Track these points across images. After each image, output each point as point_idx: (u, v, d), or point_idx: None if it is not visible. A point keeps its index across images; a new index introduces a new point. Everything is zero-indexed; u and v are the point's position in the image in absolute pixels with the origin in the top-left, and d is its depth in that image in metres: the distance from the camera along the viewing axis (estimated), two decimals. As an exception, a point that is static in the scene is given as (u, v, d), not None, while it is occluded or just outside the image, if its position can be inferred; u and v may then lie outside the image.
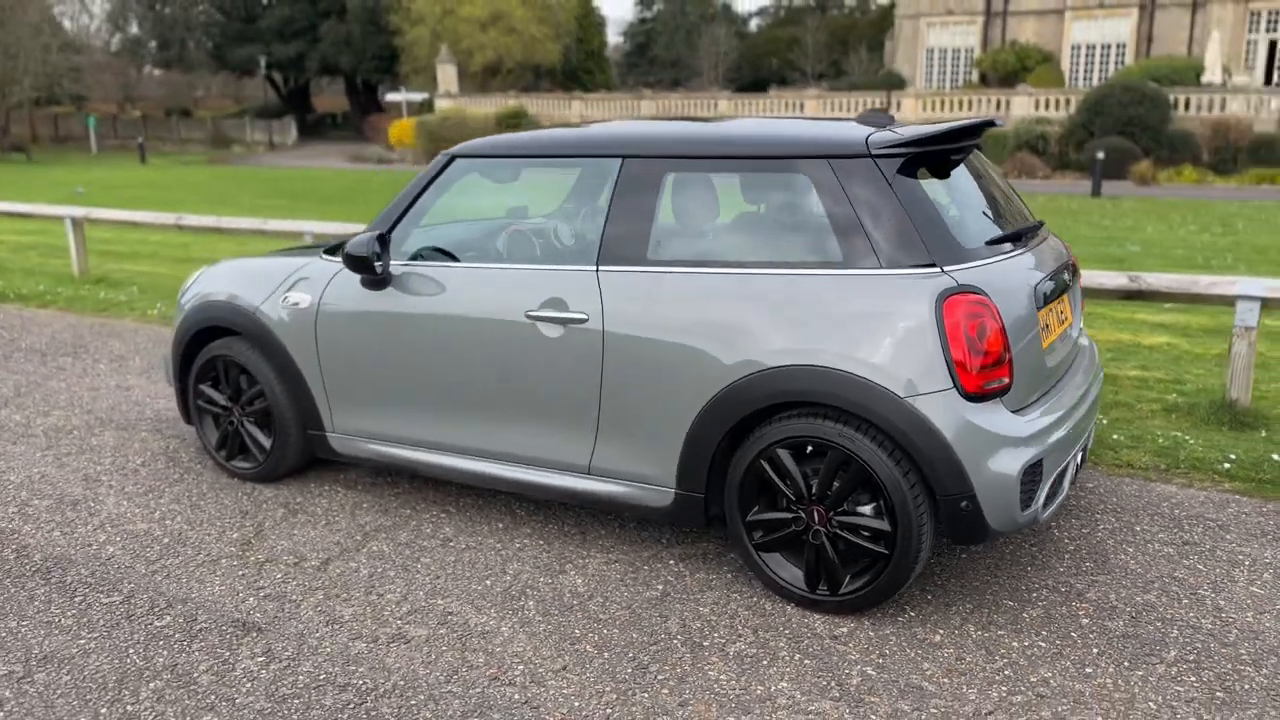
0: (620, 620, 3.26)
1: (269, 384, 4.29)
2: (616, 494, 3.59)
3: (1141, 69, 34.91)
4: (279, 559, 3.75)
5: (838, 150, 3.22)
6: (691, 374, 3.31)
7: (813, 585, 3.24)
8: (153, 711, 2.82)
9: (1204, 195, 21.54)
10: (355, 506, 4.22)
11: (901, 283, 3.06)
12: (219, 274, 4.56)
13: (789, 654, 3.03)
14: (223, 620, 3.31)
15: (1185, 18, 39.07)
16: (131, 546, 3.88)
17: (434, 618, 3.30)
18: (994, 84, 39.28)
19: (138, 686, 2.94)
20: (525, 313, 3.60)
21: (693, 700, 2.82)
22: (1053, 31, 41.52)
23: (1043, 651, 3.02)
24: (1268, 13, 37.08)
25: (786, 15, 79.73)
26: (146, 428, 5.31)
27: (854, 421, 3.09)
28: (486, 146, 3.91)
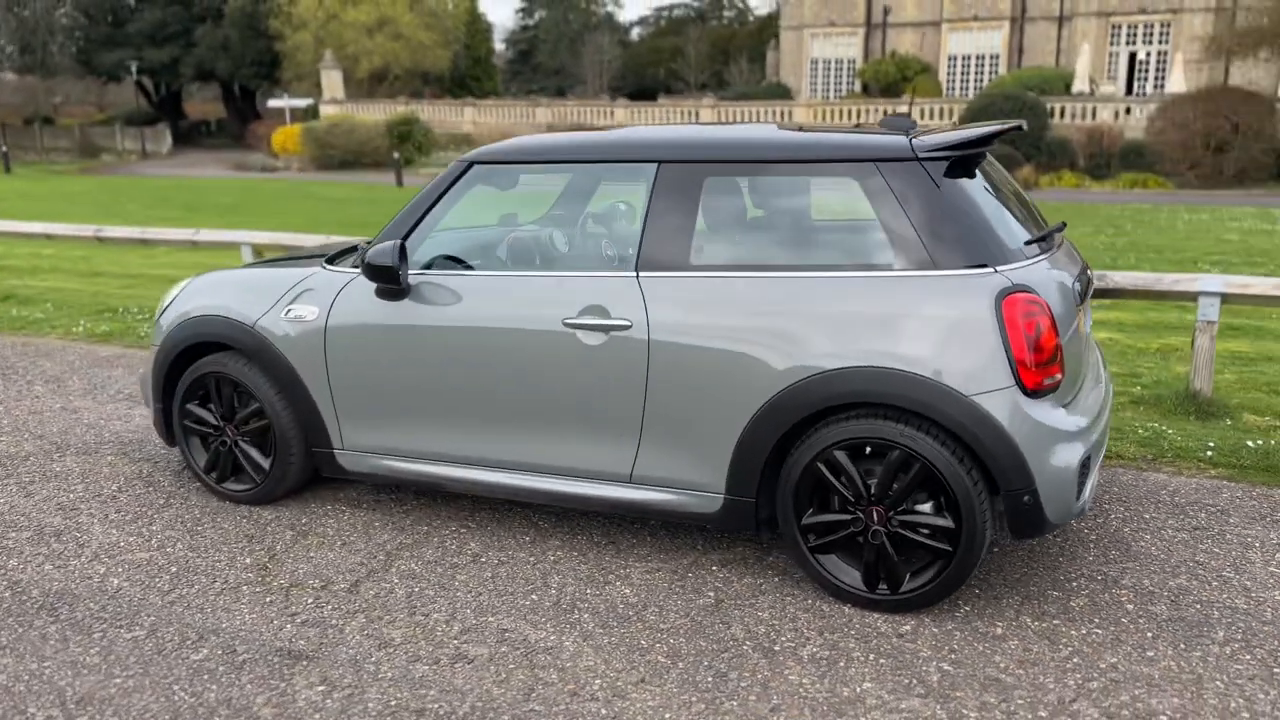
0: (682, 629, 3.23)
1: (269, 401, 4.10)
2: (660, 501, 3.55)
3: (1014, 79, 36.54)
4: (304, 583, 3.59)
5: (885, 154, 3.27)
6: (744, 379, 3.30)
7: (872, 585, 3.27)
8: (224, 750, 2.66)
9: (1085, 199, 22.67)
10: (367, 526, 4.07)
11: (959, 283, 3.13)
12: (207, 287, 4.34)
13: (862, 654, 3.06)
14: (265, 650, 3.15)
15: (1053, 31, 41.07)
16: (137, 577, 3.65)
17: (490, 635, 3.21)
18: (876, 94, 40.52)
19: (199, 725, 2.77)
20: (563, 321, 3.53)
21: (784, 706, 2.81)
22: (930, 43, 43.09)
23: (1101, 638, 3.12)
24: (1127, 27, 39.30)
25: (668, 25, 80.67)
26: (110, 451, 5.01)
27: (915, 421, 3.14)
28: (506, 152, 3.83)
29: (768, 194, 3.54)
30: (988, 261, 3.16)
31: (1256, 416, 5.19)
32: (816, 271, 3.29)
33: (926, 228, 3.19)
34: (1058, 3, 40.60)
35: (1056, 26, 40.88)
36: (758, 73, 57.89)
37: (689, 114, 35.90)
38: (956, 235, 3.18)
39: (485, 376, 3.69)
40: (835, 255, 3.33)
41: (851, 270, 3.25)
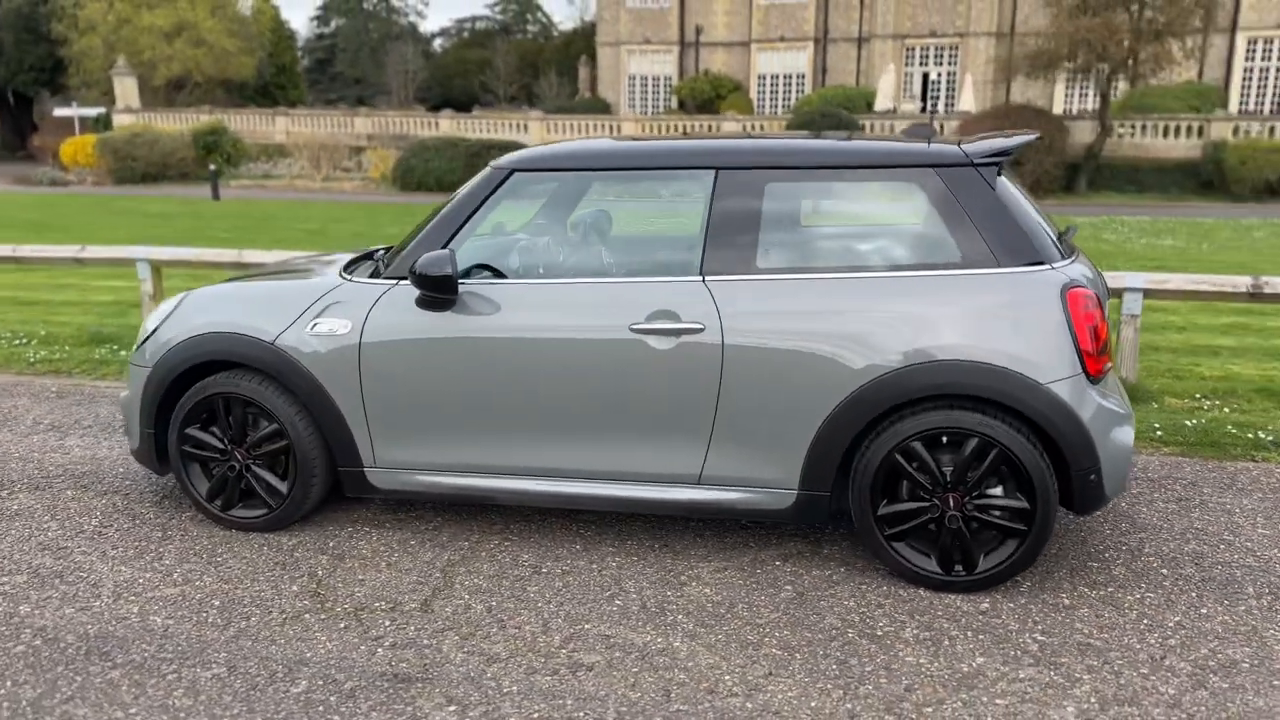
0: (781, 623, 3.32)
1: (289, 421, 3.91)
2: (730, 501, 3.63)
3: (820, 97, 38.47)
4: (369, 606, 3.46)
5: (943, 160, 3.48)
6: (821, 377, 3.43)
7: (948, 568, 3.47)
8: (392, 779, 2.55)
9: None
10: (404, 545, 3.94)
11: (1026, 279, 3.37)
12: (210, 304, 4.08)
13: (960, 633, 3.24)
14: (369, 676, 3.02)
15: (853, 52, 43.44)
16: (180, 613, 3.41)
17: (595, 642, 3.20)
18: (692, 110, 41.68)
19: (348, 756, 2.64)
20: (630, 327, 3.56)
21: (915, 685, 2.95)
22: (740, 62, 44.70)
23: (1156, 601, 3.43)
24: (920, 49, 42.05)
25: (472, 37, 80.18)
26: (65, 485, 4.61)
27: (991, 409, 3.35)
28: (550, 159, 3.82)
29: (828, 199, 3.69)
30: (1044, 259, 3.42)
31: (1176, 400, 5.77)
32: (886, 272, 3.46)
33: (988, 228, 3.42)
34: (856, 25, 42.98)
35: (856, 48, 43.26)
36: (567, 86, 58.35)
37: (517, 126, 35.82)
38: (1014, 235, 3.42)
39: (543, 385, 3.66)
40: (905, 255, 3.51)
41: (922, 269, 3.44)
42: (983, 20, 40.66)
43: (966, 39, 41.01)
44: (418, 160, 30.13)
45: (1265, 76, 38.40)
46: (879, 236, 3.62)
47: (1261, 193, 24.82)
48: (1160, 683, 2.94)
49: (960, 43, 41.24)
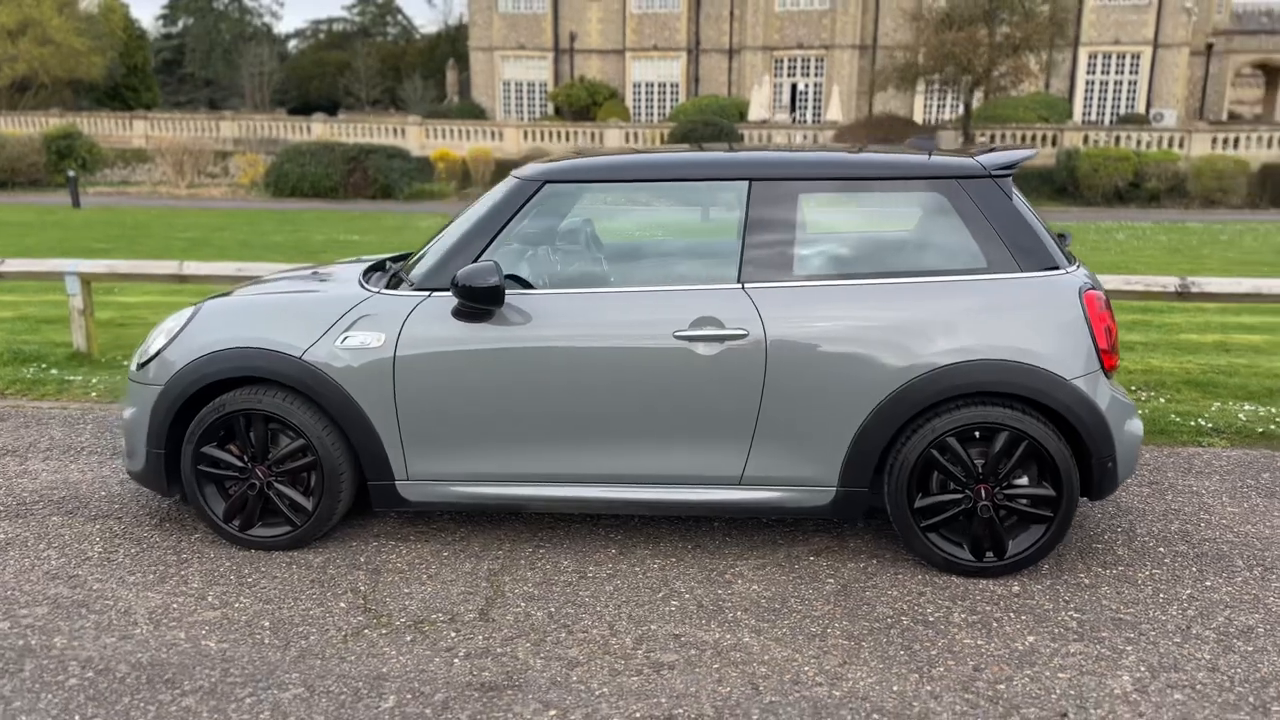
0: (836, 614, 3.47)
1: (316, 436, 3.85)
2: (771, 500, 3.77)
3: (694, 106, 39.21)
4: (427, 618, 3.45)
5: (964, 171, 3.72)
6: (860, 379, 3.61)
7: (980, 554, 3.69)
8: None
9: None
10: (437, 556, 3.93)
11: (1048, 282, 3.63)
12: (226, 318, 3.98)
13: (1003, 614, 3.46)
14: (457, 686, 3.03)
15: (724, 62, 44.36)
16: (232, 637, 3.33)
17: (667, 641, 3.29)
18: (569, 116, 41.82)
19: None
20: (674, 334, 3.66)
21: (983, 664, 3.15)
22: (615, 70, 45.06)
23: (1164, 576, 3.73)
24: (788, 61, 43.27)
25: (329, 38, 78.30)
26: (50, 512, 4.40)
27: (1021, 405, 3.59)
28: (584, 170, 3.89)
29: (858, 209, 3.87)
30: (1058, 264, 3.69)
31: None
32: (918, 278, 3.66)
33: (1008, 235, 3.67)
34: (727, 37, 43.93)
35: (728, 58, 44.21)
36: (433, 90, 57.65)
37: (395, 130, 35.18)
38: (1031, 241, 3.68)
39: (584, 393, 3.72)
40: (934, 261, 3.72)
41: (950, 275, 3.66)
42: (847, 33, 42.13)
43: (832, 51, 42.41)
44: (292, 165, 29.22)
45: (1105, 88, 41.06)
46: (907, 244, 3.82)
47: (1111, 198, 26.58)
48: (1194, 650, 3.22)
49: (826, 55, 42.62)
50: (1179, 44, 40.03)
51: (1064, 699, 2.95)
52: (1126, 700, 2.95)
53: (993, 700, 2.95)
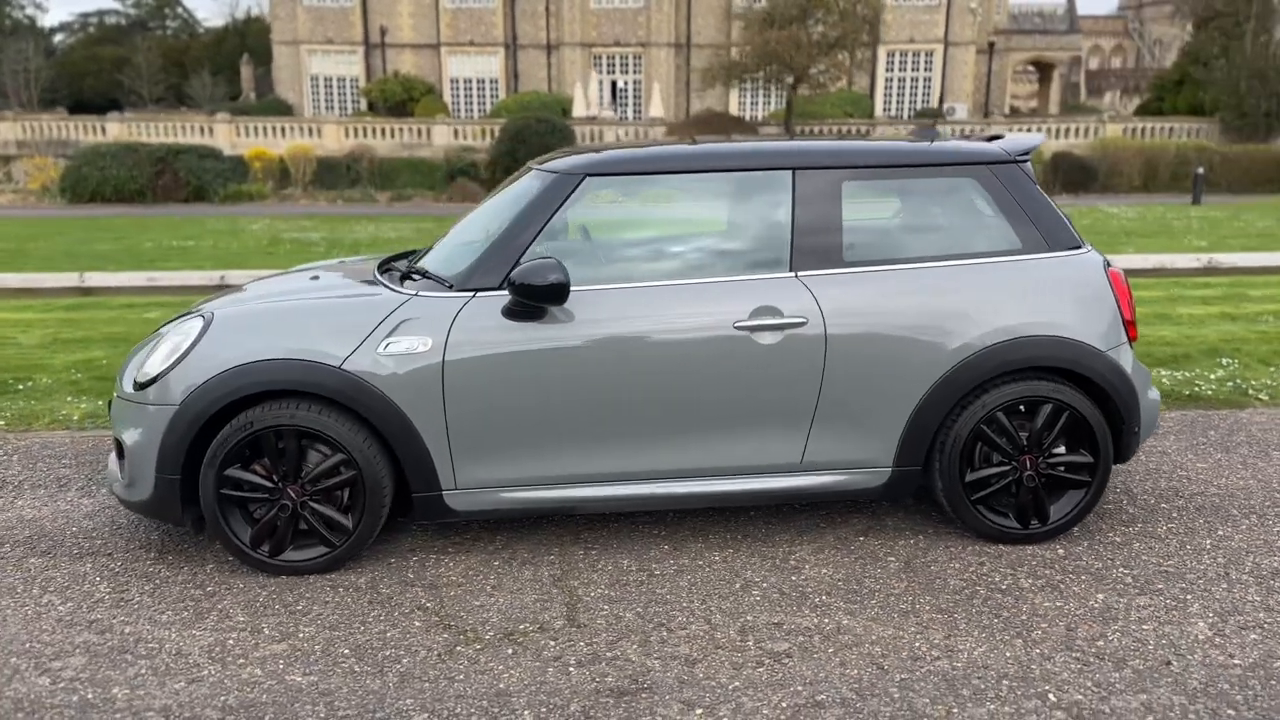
0: (914, 590, 3.57)
1: (359, 450, 3.63)
2: (828, 484, 3.83)
3: (516, 102, 38.95)
4: (518, 630, 3.32)
5: (992, 157, 3.90)
6: (915, 361, 3.72)
7: (1025, 522, 3.87)
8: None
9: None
10: (488, 565, 3.79)
11: (1078, 261, 3.85)
12: (248, 328, 3.68)
13: (1063, 577, 3.65)
14: (587, 694, 2.94)
15: (542, 58, 44.29)
16: (317, 668, 3.10)
17: (770, 631, 3.29)
18: (383, 112, 40.65)
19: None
20: (734, 324, 3.66)
21: (1073, 624, 3.31)
22: (431, 65, 44.18)
23: (1181, 530, 4.04)
24: (606, 58, 43.66)
25: (101, 32, 73.16)
26: (21, 554, 3.96)
27: (1062, 377, 3.80)
28: (627, 162, 3.83)
29: (898, 196, 3.97)
30: (1080, 244, 3.92)
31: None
32: (963, 260, 3.81)
33: (1036, 217, 3.87)
34: (545, 33, 43.85)
35: (546, 54, 44.14)
36: (224, 87, 54.75)
37: (203, 129, 33.22)
38: (1056, 223, 3.90)
39: (643, 388, 3.67)
40: (973, 244, 3.86)
41: (991, 257, 3.82)
42: (662, 32, 42.89)
43: (649, 49, 43.08)
44: (91, 169, 27.10)
45: (902, 85, 43.55)
46: (947, 228, 3.95)
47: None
48: (1243, 593, 3.51)
49: (644, 52, 43.26)
50: (966, 42, 42.95)
51: (1159, 649, 3.15)
52: (1213, 644, 3.18)
53: (1099, 656, 3.12)
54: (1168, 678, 3.00)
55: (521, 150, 29.18)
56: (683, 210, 3.97)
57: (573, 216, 3.90)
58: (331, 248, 16.01)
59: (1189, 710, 2.83)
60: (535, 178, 3.95)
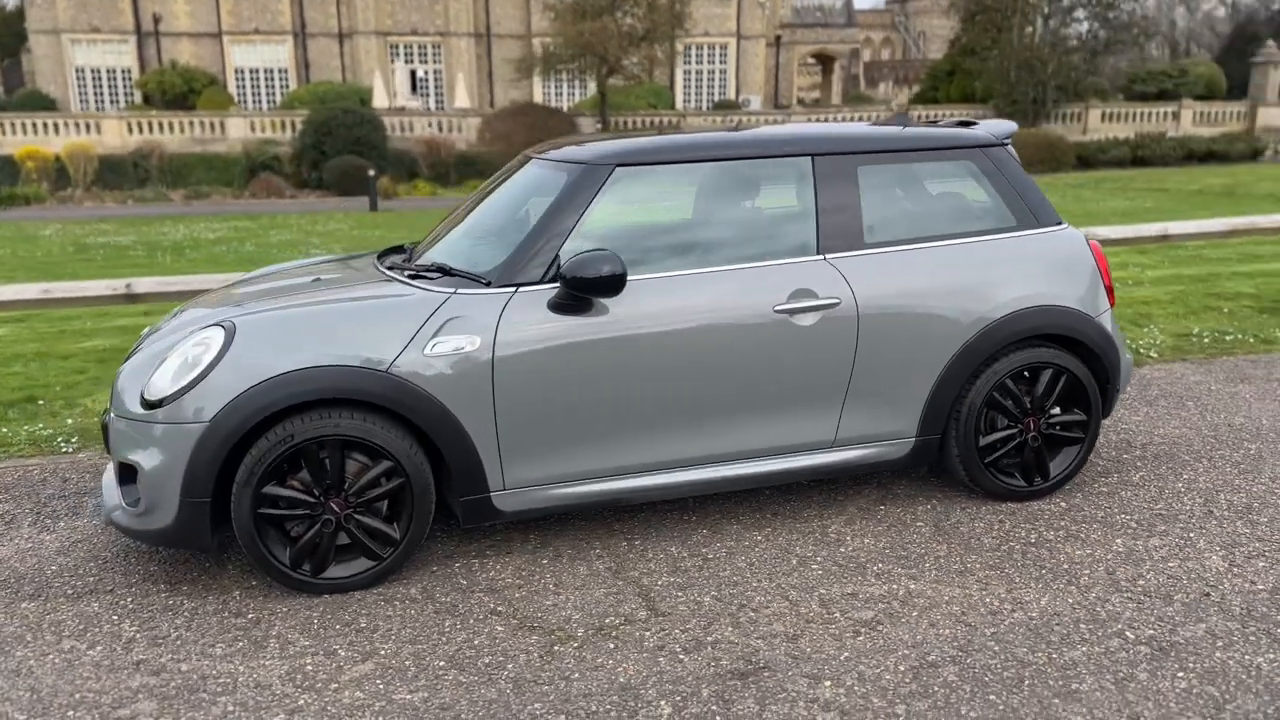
0: (959, 551, 3.77)
1: (406, 456, 3.48)
2: (859, 458, 3.99)
3: (310, 93, 37.38)
4: (607, 625, 3.29)
5: (983, 141, 4.16)
6: (937, 334, 3.93)
7: (1030, 480, 4.17)
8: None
9: (455, 204, 24.60)
10: (538, 564, 3.73)
11: (1065, 235, 4.17)
12: (282, 336, 3.44)
13: (1079, 526, 3.96)
14: (712, 678, 2.97)
15: (335, 47, 42.67)
16: (421, 684, 2.98)
17: (849, 601, 3.41)
18: (161, 105, 38.11)
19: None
20: (774, 308, 3.75)
21: (1112, 567, 3.60)
22: (212, 54, 41.73)
23: (1151, 476, 4.44)
24: (404, 46, 42.56)
25: None
26: (12, 597, 3.57)
27: (1060, 343, 4.10)
28: (655, 151, 3.83)
29: (905, 178, 4.15)
30: (1060, 220, 4.24)
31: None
32: (971, 238, 4.04)
33: (1025, 196, 4.16)
34: (336, 21, 42.25)
35: (338, 43, 42.54)
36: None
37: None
38: (1039, 200, 4.21)
39: (690, 376, 3.70)
40: (976, 222, 4.10)
41: (994, 234, 4.07)
42: (462, 21, 42.23)
43: (449, 38, 42.32)
44: None
45: (700, 78, 44.76)
46: (952, 208, 4.17)
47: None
48: (1232, 527, 3.91)
49: (443, 42, 42.46)
50: (757, 35, 44.61)
51: (1194, 582, 3.49)
52: (1233, 574, 3.54)
53: (1147, 593, 3.41)
54: (1214, 606, 3.32)
55: (328, 143, 28.10)
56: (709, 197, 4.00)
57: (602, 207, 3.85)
58: (152, 251, 14.96)
59: (1245, 633, 3.15)
60: (557, 169, 3.89)
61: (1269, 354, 6.54)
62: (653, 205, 4.02)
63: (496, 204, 4.23)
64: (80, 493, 4.52)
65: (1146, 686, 2.88)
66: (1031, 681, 2.93)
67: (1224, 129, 34.44)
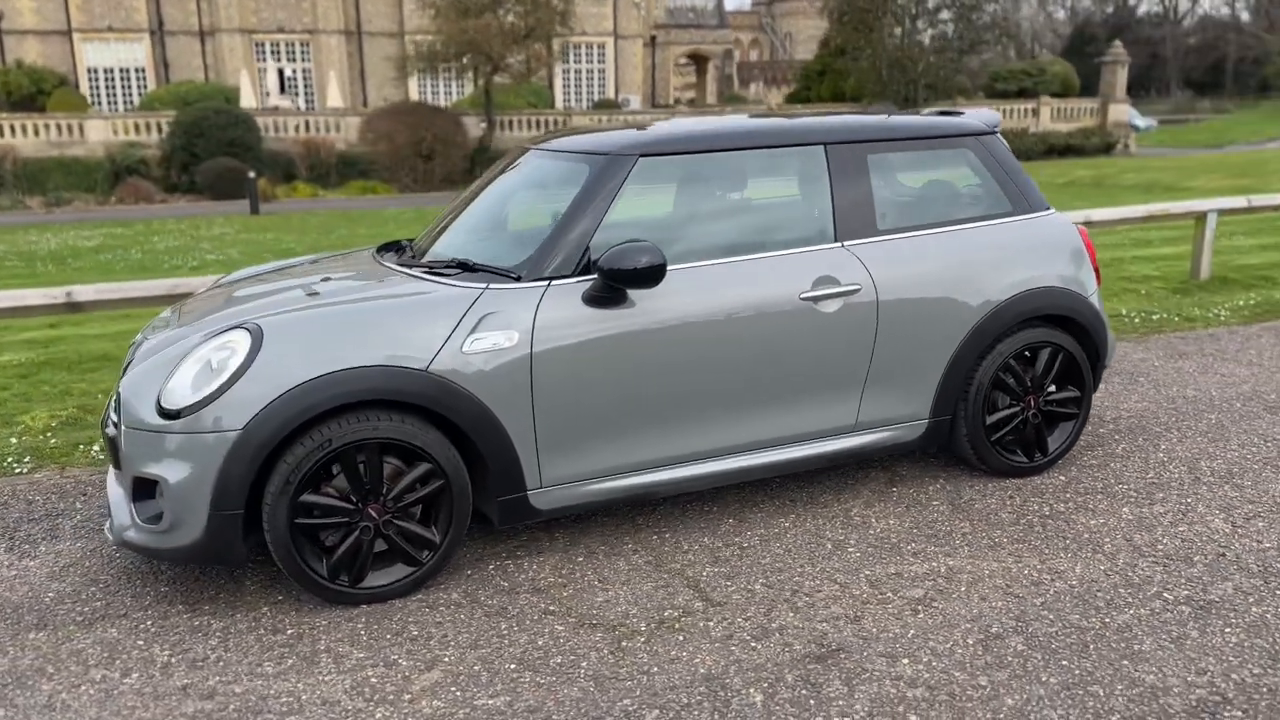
0: (983, 528, 3.87)
1: (445, 457, 3.38)
2: (878, 441, 4.06)
3: (170, 93, 35.79)
4: (667, 618, 3.26)
5: (978, 130, 4.29)
6: (949, 317, 4.03)
7: (1031, 456, 4.32)
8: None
9: (342, 206, 23.96)
10: (571, 563, 3.67)
11: (1058, 220, 4.34)
12: (314, 337, 3.27)
13: (1084, 499, 4.12)
14: (791, 664, 2.98)
15: (196, 45, 40.97)
16: (503, 689, 2.90)
17: (896, 580, 3.47)
18: (6, 108, 35.84)
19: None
20: (800, 295, 3.79)
21: (1130, 534, 3.77)
22: (62, 53, 39.54)
23: (1131, 448, 4.66)
24: (270, 44, 41.16)
25: None
26: (14, 629, 3.31)
27: (1055, 323, 4.26)
28: (676, 140, 3.81)
29: (911, 166, 4.24)
30: (1049, 205, 4.42)
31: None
32: (973, 223, 4.16)
33: (1018, 182, 4.31)
34: (196, 18, 40.55)
35: (200, 41, 40.85)
36: None
37: None
38: (1030, 186, 4.37)
39: (721, 365, 3.70)
40: (977, 208, 4.22)
41: (997, 218, 4.21)
42: (331, 18, 41.13)
43: (318, 36, 41.14)
44: None
45: (579, 77, 44.75)
46: (951, 195, 4.28)
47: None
48: (1220, 490, 4.14)
49: (312, 39, 41.25)
50: (634, 35, 44.87)
51: (1207, 544, 3.68)
52: (1239, 534, 3.75)
53: (1169, 557, 3.59)
54: (1232, 565, 3.51)
55: (200, 144, 26.97)
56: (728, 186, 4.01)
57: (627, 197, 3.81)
58: (30, 261, 14.09)
59: (1269, 588, 3.35)
60: (577, 160, 3.82)
61: (1194, 331, 6.95)
62: (673, 194, 4.00)
63: (504, 197, 4.13)
64: (51, 514, 4.22)
65: (1202, 643, 3.03)
66: (1095, 646, 3.03)
67: (1079, 124, 36.42)
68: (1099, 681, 2.85)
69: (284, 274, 4.21)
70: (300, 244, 15.53)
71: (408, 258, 4.05)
